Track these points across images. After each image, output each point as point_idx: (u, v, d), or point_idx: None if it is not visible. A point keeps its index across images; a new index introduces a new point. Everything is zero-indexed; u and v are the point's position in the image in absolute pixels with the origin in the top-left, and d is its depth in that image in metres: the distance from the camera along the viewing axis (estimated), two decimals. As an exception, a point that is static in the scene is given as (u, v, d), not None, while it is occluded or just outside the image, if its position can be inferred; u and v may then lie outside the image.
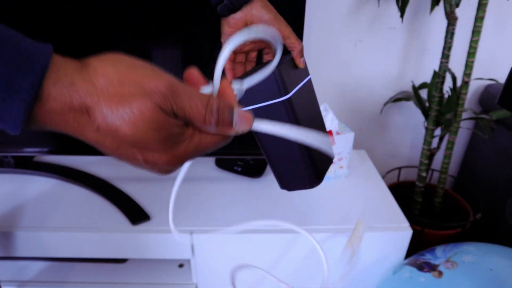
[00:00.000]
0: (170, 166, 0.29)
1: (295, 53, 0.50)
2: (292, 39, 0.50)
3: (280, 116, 0.44)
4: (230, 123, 0.30)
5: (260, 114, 0.44)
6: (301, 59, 0.50)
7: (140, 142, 0.26)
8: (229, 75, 0.54)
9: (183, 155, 0.29)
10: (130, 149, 0.26)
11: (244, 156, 0.99)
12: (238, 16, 0.49)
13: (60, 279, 0.89)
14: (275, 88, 0.42)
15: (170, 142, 0.27)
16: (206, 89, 0.33)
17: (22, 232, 0.80)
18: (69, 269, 0.92)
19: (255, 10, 0.49)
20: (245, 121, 0.31)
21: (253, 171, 0.98)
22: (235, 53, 0.54)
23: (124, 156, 0.27)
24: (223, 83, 0.33)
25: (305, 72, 0.51)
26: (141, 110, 0.25)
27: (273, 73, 0.41)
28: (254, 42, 0.53)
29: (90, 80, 0.25)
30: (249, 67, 0.56)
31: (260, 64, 0.55)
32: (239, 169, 0.99)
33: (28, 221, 0.82)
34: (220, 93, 0.32)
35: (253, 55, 0.55)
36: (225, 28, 0.51)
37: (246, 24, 0.50)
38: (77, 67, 0.25)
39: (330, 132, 0.90)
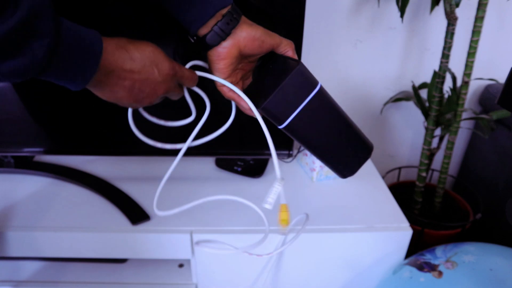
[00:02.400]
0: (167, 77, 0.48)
1: (291, 53, 0.52)
2: (284, 44, 0.51)
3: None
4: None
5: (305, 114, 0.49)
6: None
7: (155, 55, 0.46)
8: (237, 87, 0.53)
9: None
10: (150, 66, 0.46)
11: (244, 156, 0.99)
12: (228, 44, 0.48)
13: (59, 279, 0.89)
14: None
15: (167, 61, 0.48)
16: None
17: (22, 232, 0.80)
18: (69, 269, 0.92)
19: (245, 32, 0.48)
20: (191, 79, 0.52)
21: (253, 171, 0.98)
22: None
23: (143, 72, 0.45)
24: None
25: (313, 82, 0.49)
26: (152, 46, 0.47)
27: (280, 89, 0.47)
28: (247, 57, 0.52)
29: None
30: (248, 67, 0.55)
31: (259, 66, 0.56)
32: (239, 169, 0.99)
33: (28, 221, 0.82)
34: None
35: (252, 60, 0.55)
36: (216, 62, 0.50)
37: (239, 49, 0.49)
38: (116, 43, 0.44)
39: None
